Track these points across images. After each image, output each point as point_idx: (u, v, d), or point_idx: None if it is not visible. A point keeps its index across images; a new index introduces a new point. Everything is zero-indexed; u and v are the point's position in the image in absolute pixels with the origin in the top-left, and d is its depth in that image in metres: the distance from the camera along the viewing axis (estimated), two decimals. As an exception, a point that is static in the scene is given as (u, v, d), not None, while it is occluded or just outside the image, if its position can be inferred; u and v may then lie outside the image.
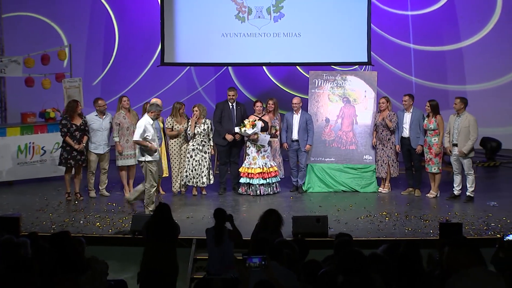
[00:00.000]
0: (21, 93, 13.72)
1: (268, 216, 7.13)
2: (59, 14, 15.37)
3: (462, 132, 10.37)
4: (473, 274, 4.93)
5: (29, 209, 10.15)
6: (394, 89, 14.14)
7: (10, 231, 7.11)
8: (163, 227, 6.80)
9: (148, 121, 9.65)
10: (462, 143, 10.38)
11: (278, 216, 7.14)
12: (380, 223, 9.38)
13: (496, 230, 8.94)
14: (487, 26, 14.84)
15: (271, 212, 7.17)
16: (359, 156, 11.52)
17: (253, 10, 13.51)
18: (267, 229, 7.01)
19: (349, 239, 6.22)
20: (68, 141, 10.72)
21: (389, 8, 15.10)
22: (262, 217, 7.20)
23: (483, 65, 14.92)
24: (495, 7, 14.83)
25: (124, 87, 15.08)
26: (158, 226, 6.80)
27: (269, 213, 7.14)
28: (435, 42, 15.11)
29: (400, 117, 11.10)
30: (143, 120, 9.71)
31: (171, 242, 6.82)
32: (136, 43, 15.52)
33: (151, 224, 6.91)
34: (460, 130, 10.39)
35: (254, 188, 11.06)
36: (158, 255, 6.64)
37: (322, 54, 13.51)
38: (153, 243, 6.77)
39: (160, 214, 6.95)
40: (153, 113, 9.71)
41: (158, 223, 6.83)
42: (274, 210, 7.22)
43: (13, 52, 13.44)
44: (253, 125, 10.91)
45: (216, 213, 7.30)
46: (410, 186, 11.22)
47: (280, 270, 5.17)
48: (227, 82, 14.90)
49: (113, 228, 9.15)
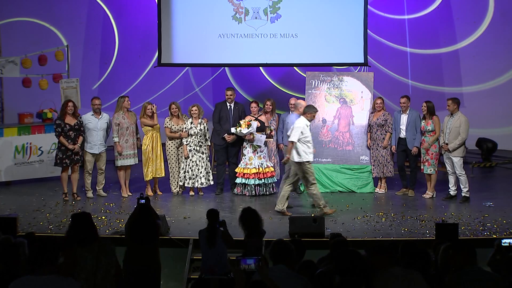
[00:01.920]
0: (19, 94, 13.73)
1: (245, 216, 7.07)
2: (56, 17, 15.35)
3: (453, 131, 10.51)
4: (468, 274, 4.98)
5: (26, 210, 10.16)
6: (391, 92, 14.17)
7: (7, 231, 7.12)
8: (144, 226, 6.77)
9: (306, 123, 9.74)
10: (452, 142, 10.54)
11: (255, 215, 7.07)
12: (376, 223, 9.42)
13: (492, 230, 8.98)
14: (481, 27, 14.88)
15: (246, 211, 7.11)
16: (355, 156, 11.56)
17: (250, 11, 13.53)
18: (248, 230, 6.97)
19: (344, 239, 6.24)
20: (62, 141, 10.73)
21: (385, 14, 15.13)
22: (239, 219, 7.12)
23: (478, 66, 14.96)
24: (487, 8, 14.87)
25: (122, 87, 15.08)
26: (139, 226, 6.77)
27: (245, 213, 7.09)
28: (432, 45, 15.14)
29: (397, 118, 11.15)
30: (301, 121, 9.75)
31: (152, 241, 6.81)
32: (134, 45, 15.53)
33: (132, 224, 6.91)
34: (452, 129, 10.53)
35: (250, 189, 11.09)
36: (139, 255, 6.62)
37: (319, 55, 13.53)
38: (135, 242, 6.75)
39: (141, 213, 6.95)
40: (310, 115, 9.77)
41: (139, 222, 6.81)
42: (249, 209, 7.13)
43: (10, 53, 13.44)
44: (249, 125, 10.93)
45: (209, 214, 7.18)
46: (404, 187, 11.27)
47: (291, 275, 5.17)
48: (224, 83, 14.92)
49: (110, 228, 9.16)
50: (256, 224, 7.02)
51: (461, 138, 10.48)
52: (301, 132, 9.64)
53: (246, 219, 7.04)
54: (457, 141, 10.48)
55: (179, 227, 9.23)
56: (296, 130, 9.67)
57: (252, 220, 7.02)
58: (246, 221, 7.03)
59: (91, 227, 5.83)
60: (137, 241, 6.65)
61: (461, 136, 10.48)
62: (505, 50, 14.84)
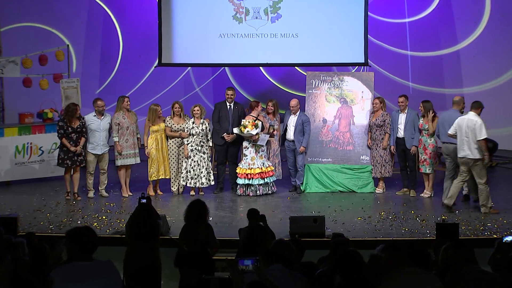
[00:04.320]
0: (19, 94, 13.72)
1: (191, 208, 7.02)
2: (57, 18, 15.32)
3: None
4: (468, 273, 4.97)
5: (27, 209, 10.16)
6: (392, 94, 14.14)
7: (7, 231, 7.12)
8: (144, 226, 6.78)
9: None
10: None
11: (202, 206, 7.03)
12: (377, 223, 9.42)
13: (492, 230, 8.99)
14: (480, 27, 14.87)
15: (193, 203, 7.06)
16: (356, 156, 11.56)
17: (250, 10, 13.53)
18: (192, 220, 6.93)
19: (345, 239, 6.24)
20: (64, 142, 10.74)
21: (386, 19, 15.11)
22: (186, 210, 7.07)
23: (478, 67, 14.95)
24: (484, 7, 14.86)
25: (124, 88, 15.02)
26: (139, 225, 6.78)
27: (192, 205, 7.04)
28: (432, 47, 15.13)
29: (395, 118, 11.16)
30: (477, 117, 9.78)
31: (152, 241, 6.81)
32: (135, 45, 15.52)
33: (132, 223, 6.92)
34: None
35: (254, 189, 11.08)
36: (140, 254, 6.63)
37: (319, 55, 13.52)
38: (135, 242, 6.76)
39: (141, 213, 6.95)
40: (479, 110, 9.83)
41: (139, 222, 6.82)
42: (197, 201, 7.09)
43: (11, 53, 13.44)
44: (255, 125, 10.93)
45: (249, 214, 7.37)
46: (405, 187, 11.27)
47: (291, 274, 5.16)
48: (224, 83, 14.91)
49: (111, 228, 9.17)
50: (201, 215, 6.97)
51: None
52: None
53: (193, 211, 6.99)
54: None
55: (180, 227, 9.15)
56: (481, 126, 9.68)
57: (198, 212, 6.98)
58: (193, 213, 6.99)
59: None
60: (137, 241, 6.66)
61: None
62: (505, 50, 14.83)
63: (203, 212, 7.05)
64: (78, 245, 4.83)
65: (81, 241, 4.83)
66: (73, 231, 4.98)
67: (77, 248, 4.82)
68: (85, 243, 4.83)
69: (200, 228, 6.96)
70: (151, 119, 11.06)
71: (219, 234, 8.81)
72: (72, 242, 4.86)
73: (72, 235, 4.94)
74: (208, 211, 7.11)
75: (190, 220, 7.02)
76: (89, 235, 4.89)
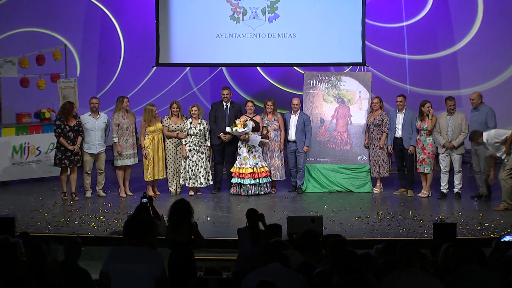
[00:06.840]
0: (16, 94, 13.70)
1: (174, 208, 6.94)
2: (54, 19, 15.26)
3: (457, 128, 10.74)
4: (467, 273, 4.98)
5: (24, 209, 10.15)
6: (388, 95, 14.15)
7: (5, 231, 7.12)
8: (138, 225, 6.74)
9: None
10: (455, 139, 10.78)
11: (184, 206, 6.94)
12: (374, 223, 9.42)
13: (490, 230, 9.00)
14: (475, 26, 14.87)
15: (176, 204, 6.97)
16: (353, 156, 11.57)
17: (248, 10, 13.52)
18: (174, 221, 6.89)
19: (343, 239, 6.24)
20: (62, 141, 10.74)
21: (383, 24, 15.09)
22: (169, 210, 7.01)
23: (476, 67, 14.94)
24: (477, 7, 14.87)
25: (124, 89, 14.97)
26: (134, 224, 6.75)
27: (174, 205, 6.96)
28: (430, 49, 15.12)
29: (393, 118, 11.18)
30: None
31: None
32: (132, 45, 15.49)
33: (126, 222, 6.90)
34: (455, 127, 10.73)
35: (246, 188, 11.09)
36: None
37: (317, 55, 13.51)
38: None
39: (138, 212, 6.93)
40: None
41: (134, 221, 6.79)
42: (179, 201, 7.02)
43: (8, 53, 13.42)
44: (244, 124, 10.93)
45: (249, 214, 7.36)
46: (403, 186, 11.30)
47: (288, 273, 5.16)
48: (222, 83, 14.88)
49: (108, 228, 9.16)
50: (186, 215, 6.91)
51: (464, 134, 10.72)
52: None
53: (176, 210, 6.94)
54: (461, 137, 10.71)
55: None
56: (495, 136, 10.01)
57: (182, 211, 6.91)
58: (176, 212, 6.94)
59: None
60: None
61: (463, 132, 10.72)
62: (502, 50, 14.83)
63: (186, 212, 6.94)
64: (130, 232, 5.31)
65: (135, 230, 5.35)
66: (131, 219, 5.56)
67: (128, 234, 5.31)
68: (139, 232, 5.36)
69: (183, 228, 6.90)
70: (147, 119, 11.06)
71: (216, 234, 8.85)
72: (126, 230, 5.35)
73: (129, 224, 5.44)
74: (192, 211, 6.96)
75: (172, 220, 6.91)
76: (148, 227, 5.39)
